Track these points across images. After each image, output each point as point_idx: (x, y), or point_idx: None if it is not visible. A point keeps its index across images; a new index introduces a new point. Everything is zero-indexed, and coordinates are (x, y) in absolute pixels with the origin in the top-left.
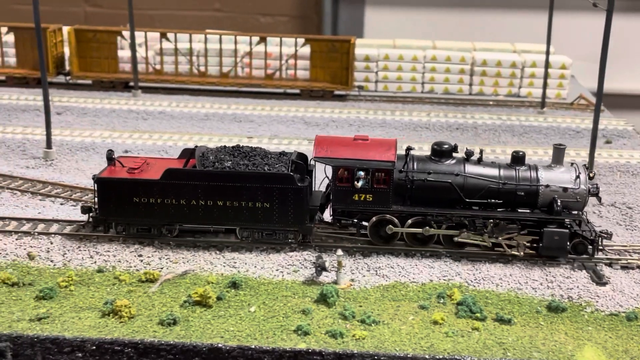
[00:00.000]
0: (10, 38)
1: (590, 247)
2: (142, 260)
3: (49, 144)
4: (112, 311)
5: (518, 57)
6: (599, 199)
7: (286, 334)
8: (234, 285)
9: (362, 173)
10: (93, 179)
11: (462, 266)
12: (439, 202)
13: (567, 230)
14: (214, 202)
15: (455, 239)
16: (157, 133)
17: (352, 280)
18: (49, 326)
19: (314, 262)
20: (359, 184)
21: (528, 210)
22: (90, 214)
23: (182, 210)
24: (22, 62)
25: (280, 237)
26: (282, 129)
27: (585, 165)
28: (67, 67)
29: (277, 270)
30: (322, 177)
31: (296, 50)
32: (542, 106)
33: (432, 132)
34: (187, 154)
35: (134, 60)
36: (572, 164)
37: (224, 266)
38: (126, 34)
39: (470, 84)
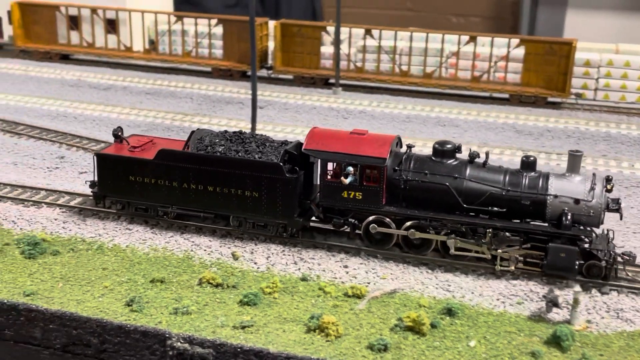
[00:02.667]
0: (218, 30)
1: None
2: (347, 272)
3: None
4: (318, 327)
5: None
6: (621, 216)
7: None
8: (450, 312)
9: (350, 168)
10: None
11: None
12: (436, 206)
13: (576, 248)
14: (205, 187)
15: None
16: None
17: (589, 321)
18: (252, 336)
19: (544, 295)
20: (347, 180)
21: (544, 223)
22: (92, 190)
23: (174, 192)
24: (228, 55)
25: (271, 230)
26: (491, 137)
27: (608, 177)
28: (270, 61)
29: (497, 299)
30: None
31: (508, 52)
32: None
33: None
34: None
35: (337, 56)
36: (593, 174)
37: (437, 288)
38: (330, 29)
39: None
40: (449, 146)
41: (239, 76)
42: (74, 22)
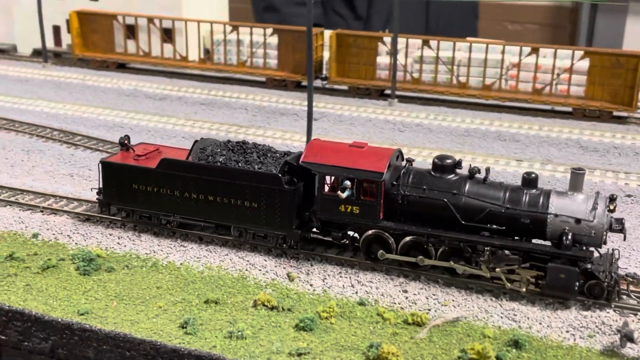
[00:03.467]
0: (273, 40)
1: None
2: (407, 298)
3: None
4: (378, 357)
5: None
6: (624, 236)
7: None
8: (516, 344)
9: (348, 182)
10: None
11: None
12: (435, 222)
13: (576, 269)
14: (206, 197)
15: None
16: (416, 148)
17: None
18: None
19: (618, 329)
20: (344, 194)
21: (545, 242)
22: (97, 197)
23: (176, 201)
24: (283, 65)
25: (271, 241)
26: (554, 152)
27: (612, 196)
28: (325, 72)
29: (567, 331)
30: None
31: (572, 64)
32: None
33: None
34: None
35: (394, 67)
36: (597, 192)
37: (502, 317)
38: (387, 39)
39: None
40: (448, 161)
41: (293, 86)
42: (131, 31)
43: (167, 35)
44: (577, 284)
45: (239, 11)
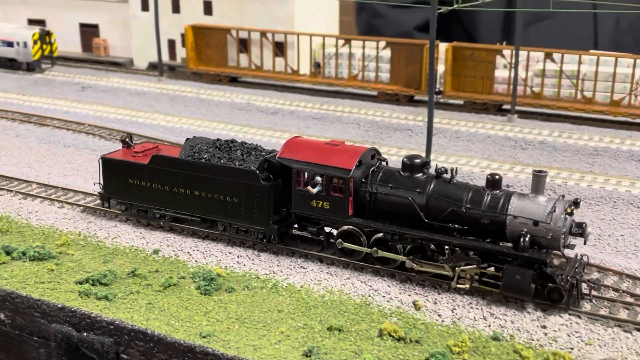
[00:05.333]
0: (386, 53)
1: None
2: (546, 334)
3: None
4: None
5: None
6: (585, 240)
7: None
8: None
9: (318, 179)
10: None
11: None
12: (401, 220)
13: (531, 270)
14: (192, 192)
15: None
16: (542, 167)
17: None
18: None
19: None
20: (315, 189)
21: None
22: (98, 191)
23: (166, 195)
24: (395, 79)
25: (252, 235)
26: None
27: (575, 200)
28: (439, 86)
29: None
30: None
31: None
32: None
33: None
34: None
35: (514, 82)
36: (562, 196)
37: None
38: (506, 52)
39: None
40: (417, 161)
41: (405, 100)
42: (244, 45)
43: (279, 48)
44: (533, 286)
45: (349, 24)
